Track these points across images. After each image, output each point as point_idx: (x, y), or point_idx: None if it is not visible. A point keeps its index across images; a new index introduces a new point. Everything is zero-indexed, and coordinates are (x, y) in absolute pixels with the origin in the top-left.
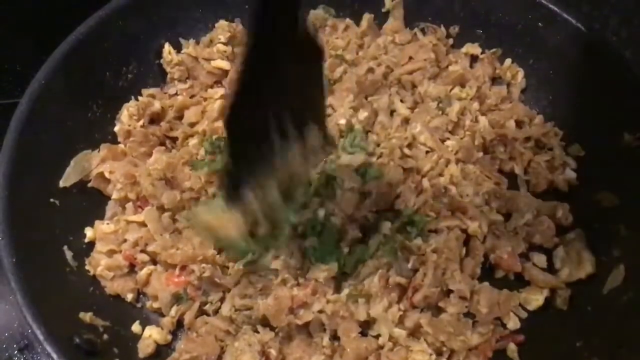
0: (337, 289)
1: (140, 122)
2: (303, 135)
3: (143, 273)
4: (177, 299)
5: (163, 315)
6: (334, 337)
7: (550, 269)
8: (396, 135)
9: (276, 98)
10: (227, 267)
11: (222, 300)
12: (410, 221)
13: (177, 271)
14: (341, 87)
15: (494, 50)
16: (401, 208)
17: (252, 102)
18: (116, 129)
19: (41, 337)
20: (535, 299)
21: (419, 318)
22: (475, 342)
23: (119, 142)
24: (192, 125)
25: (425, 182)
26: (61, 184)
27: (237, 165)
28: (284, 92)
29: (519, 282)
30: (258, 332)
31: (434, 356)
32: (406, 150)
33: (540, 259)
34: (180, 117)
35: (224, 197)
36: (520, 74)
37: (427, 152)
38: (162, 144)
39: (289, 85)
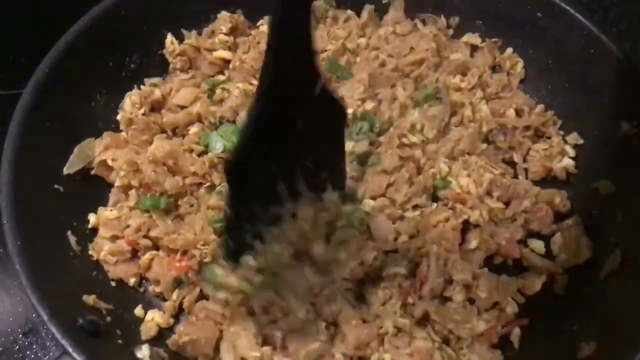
0: None
1: (142, 110)
2: (320, 197)
3: (145, 258)
4: (178, 283)
5: (165, 300)
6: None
7: (548, 255)
8: (395, 124)
9: (287, 155)
10: None
11: None
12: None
13: (178, 256)
14: (354, 79)
15: (494, 39)
16: (394, 197)
17: (259, 157)
18: (118, 117)
19: (45, 318)
20: (533, 285)
21: (427, 306)
22: (482, 329)
23: (122, 131)
24: (181, 107)
25: (420, 177)
26: (65, 171)
27: (239, 224)
28: (296, 150)
29: (518, 268)
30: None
31: (437, 343)
32: (405, 140)
33: (538, 245)
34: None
35: (223, 256)
36: (520, 64)
37: (422, 141)
38: (164, 131)
39: (302, 143)
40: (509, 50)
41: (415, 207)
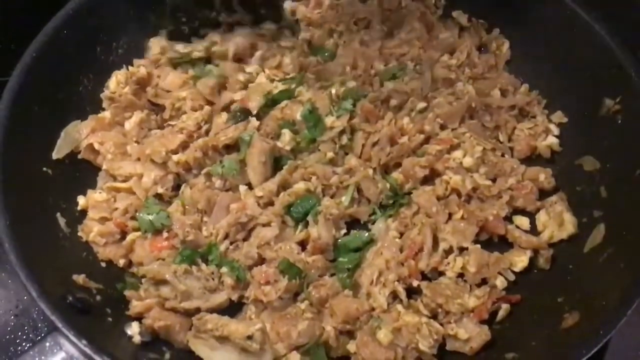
0: None
1: (126, 89)
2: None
3: (129, 239)
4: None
5: None
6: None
7: (533, 231)
8: (372, 96)
9: None
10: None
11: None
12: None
13: (164, 234)
14: (337, 62)
15: (481, 21)
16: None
17: None
18: (102, 95)
19: (34, 294)
20: (521, 261)
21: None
22: (472, 305)
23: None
24: (167, 91)
25: (404, 138)
26: (54, 156)
27: None
28: None
29: (503, 244)
30: None
31: (424, 318)
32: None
33: (523, 221)
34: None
35: None
36: (506, 44)
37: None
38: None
39: None
40: (496, 31)
41: (397, 165)
